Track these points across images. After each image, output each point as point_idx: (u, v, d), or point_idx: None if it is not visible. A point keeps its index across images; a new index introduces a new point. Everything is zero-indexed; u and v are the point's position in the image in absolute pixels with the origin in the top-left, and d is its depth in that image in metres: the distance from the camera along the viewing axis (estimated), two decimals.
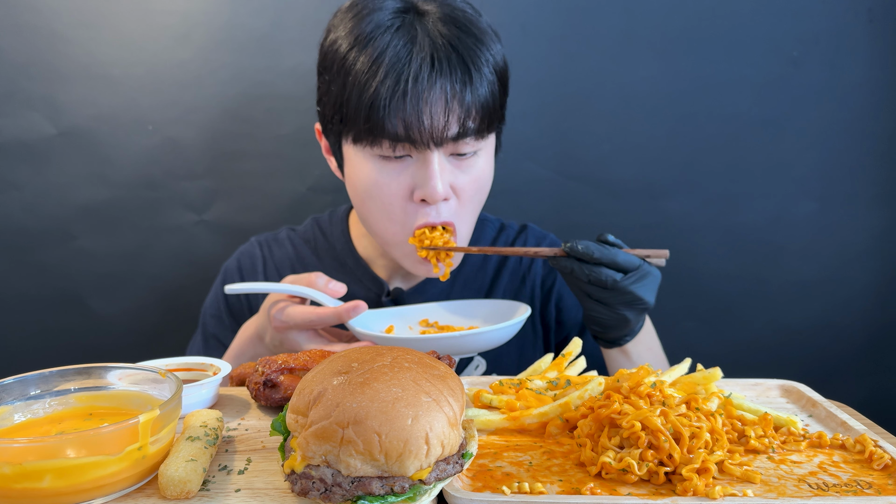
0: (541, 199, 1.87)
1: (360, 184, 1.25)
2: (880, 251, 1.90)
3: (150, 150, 1.80)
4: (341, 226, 1.53)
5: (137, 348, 1.84)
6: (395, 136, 1.16)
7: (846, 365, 1.95)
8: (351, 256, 1.49)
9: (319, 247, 1.53)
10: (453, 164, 1.23)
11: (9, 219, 1.80)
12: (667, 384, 0.91)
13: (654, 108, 1.83)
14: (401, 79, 1.14)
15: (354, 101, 1.17)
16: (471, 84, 1.18)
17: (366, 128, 1.17)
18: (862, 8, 1.78)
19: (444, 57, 1.16)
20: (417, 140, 1.16)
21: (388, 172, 1.21)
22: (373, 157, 1.21)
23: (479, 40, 1.22)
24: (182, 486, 0.68)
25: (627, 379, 0.91)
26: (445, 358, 0.96)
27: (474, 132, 1.20)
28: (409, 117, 1.14)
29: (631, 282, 1.11)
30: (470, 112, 1.18)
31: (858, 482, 0.74)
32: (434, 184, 1.17)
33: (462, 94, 1.17)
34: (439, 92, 1.15)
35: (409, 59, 1.15)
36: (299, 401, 0.70)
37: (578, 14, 1.80)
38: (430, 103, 1.14)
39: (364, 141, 1.19)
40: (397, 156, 1.19)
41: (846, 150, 1.85)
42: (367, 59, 1.16)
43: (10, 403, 0.79)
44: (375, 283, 1.46)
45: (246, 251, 1.55)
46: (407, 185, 1.21)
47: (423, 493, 0.66)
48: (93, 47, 1.74)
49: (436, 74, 1.15)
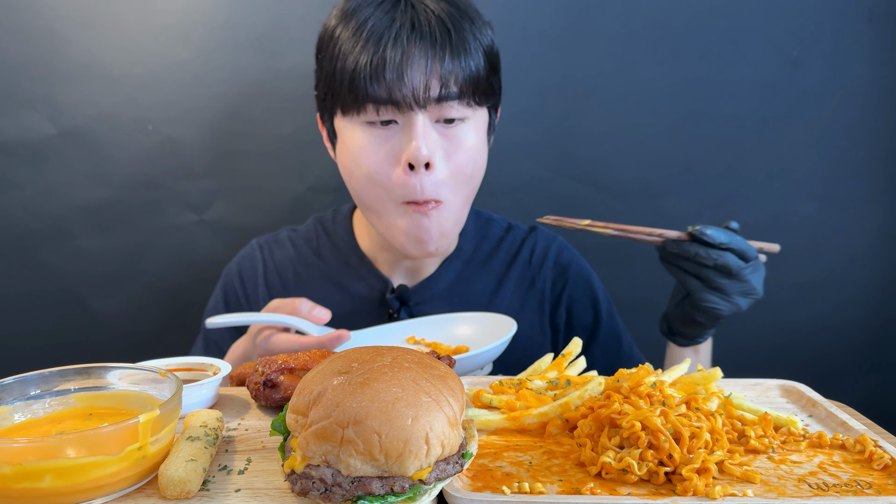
0: (541, 199, 1.87)
1: (348, 154, 1.25)
2: (880, 251, 1.90)
3: (150, 150, 1.80)
4: (345, 224, 1.52)
5: (137, 348, 1.84)
6: (377, 99, 1.17)
7: (846, 365, 1.95)
8: (355, 254, 1.48)
9: (322, 246, 1.52)
10: (440, 132, 1.22)
11: (9, 219, 1.80)
12: (667, 384, 0.91)
13: (654, 108, 1.83)
14: (380, 42, 1.16)
15: (339, 71, 1.20)
16: (451, 47, 1.19)
17: (351, 96, 1.19)
18: (862, 8, 1.78)
19: (425, 21, 1.19)
20: (400, 101, 1.17)
21: (374, 139, 1.22)
22: (360, 126, 1.22)
23: (469, 17, 1.24)
24: (182, 486, 0.68)
25: (627, 379, 0.91)
26: (445, 358, 0.96)
27: (457, 96, 1.20)
28: (390, 79, 1.16)
29: (750, 271, 1.14)
30: (451, 75, 1.19)
31: (858, 482, 0.74)
32: (417, 144, 1.17)
33: (442, 56, 1.18)
34: (419, 54, 1.17)
35: (391, 24, 1.18)
36: (299, 401, 0.70)
37: (578, 14, 1.80)
38: (410, 65, 1.16)
39: (351, 110, 1.21)
40: (382, 121, 1.20)
41: (846, 150, 1.85)
42: (350, 30, 1.19)
43: (10, 403, 0.79)
44: (379, 280, 1.45)
45: (246, 255, 1.55)
46: (392, 151, 1.21)
47: (423, 493, 0.66)
48: (93, 47, 1.74)
49: (416, 36, 1.17)
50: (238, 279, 1.52)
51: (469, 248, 1.50)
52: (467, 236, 1.51)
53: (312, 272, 1.50)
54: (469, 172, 1.27)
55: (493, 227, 1.55)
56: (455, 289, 1.46)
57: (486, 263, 1.50)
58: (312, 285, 1.48)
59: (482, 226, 1.54)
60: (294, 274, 1.50)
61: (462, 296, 1.46)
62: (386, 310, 1.43)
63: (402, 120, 1.20)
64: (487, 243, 1.52)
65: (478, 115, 1.28)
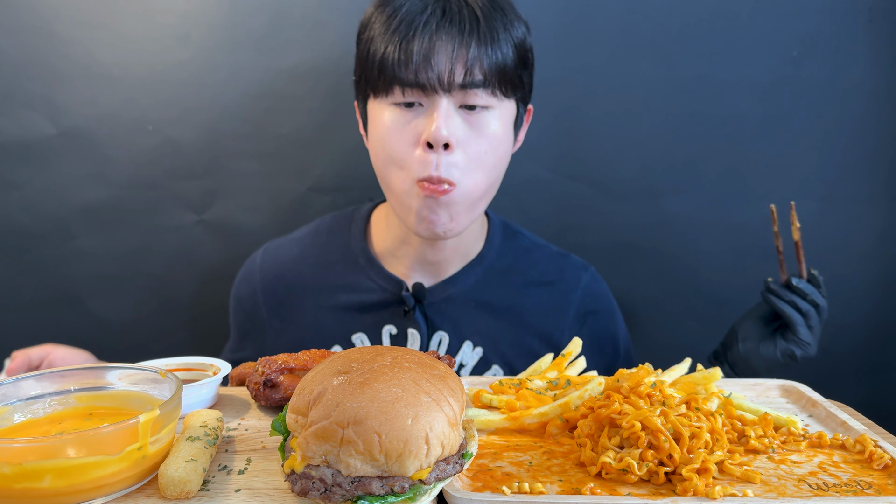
0: (541, 199, 1.87)
1: (376, 135, 1.29)
2: (881, 251, 1.90)
3: (150, 150, 1.80)
4: (360, 224, 1.52)
5: (137, 348, 1.84)
6: (404, 81, 1.21)
7: (846, 365, 1.95)
8: (364, 255, 1.47)
9: (331, 241, 1.51)
10: (463, 118, 1.25)
11: (9, 219, 1.80)
12: (667, 384, 0.91)
13: (655, 108, 1.83)
14: (411, 27, 1.21)
15: (372, 54, 1.25)
16: (478, 35, 1.22)
17: (380, 78, 1.23)
18: (862, 8, 1.78)
19: (456, 10, 1.23)
20: (426, 84, 1.21)
21: (399, 119, 1.25)
22: (388, 107, 1.26)
23: (500, 9, 1.27)
24: (182, 486, 0.68)
25: (627, 379, 0.91)
26: (445, 358, 0.96)
27: (482, 84, 1.23)
28: (417, 62, 1.20)
29: None
30: (476, 61, 1.21)
31: (858, 482, 0.74)
32: (438, 124, 1.20)
33: (469, 42, 1.21)
34: (446, 38, 1.21)
35: (422, 11, 1.23)
36: (299, 401, 0.70)
37: (578, 14, 1.80)
38: (437, 50, 1.20)
39: (380, 92, 1.25)
40: (407, 102, 1.24)
41: (847, 150, 1.85)
42: (385, 16, 1.25)
43: (10, 403, 0.79)
44: (391, 281, 1.43)
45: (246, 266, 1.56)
46: (415, 132, 1.24)
47: (423, 493, 0.66)
48: (93, 47, 1.74)
49: (445, 22, 1.22)
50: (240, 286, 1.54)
51: (492, 257, 1.48)
52: (492, 245, 1.50)
53: (317, 270, 1.49)
54: (490, 161, 1.28)
55: (519, 240, 1.54)
56: (473, 294, 1.45)
57: (508, 275, 1.48)
58: (315, 284, 1.48)
59: (510, 237, 1.53)
60: (296, 274, 1.49)
61: (480, 301, 1.45)
62: (401, 308, 1.42)
63: (427, 102, 1.24)
64: (512, 255, 1.51)
65: (503, 105, 1.29)
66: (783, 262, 1.40)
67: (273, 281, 1.50)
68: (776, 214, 1.39)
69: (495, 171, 1.31)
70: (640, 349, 1.57)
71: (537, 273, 1.50)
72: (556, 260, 1.53)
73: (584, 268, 1.54)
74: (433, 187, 1.22)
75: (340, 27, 1.74)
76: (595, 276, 1.55)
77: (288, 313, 1.49)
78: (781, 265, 1.40)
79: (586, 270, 1.54)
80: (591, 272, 1.54)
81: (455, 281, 1.45)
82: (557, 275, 1.50)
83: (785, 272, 1.40)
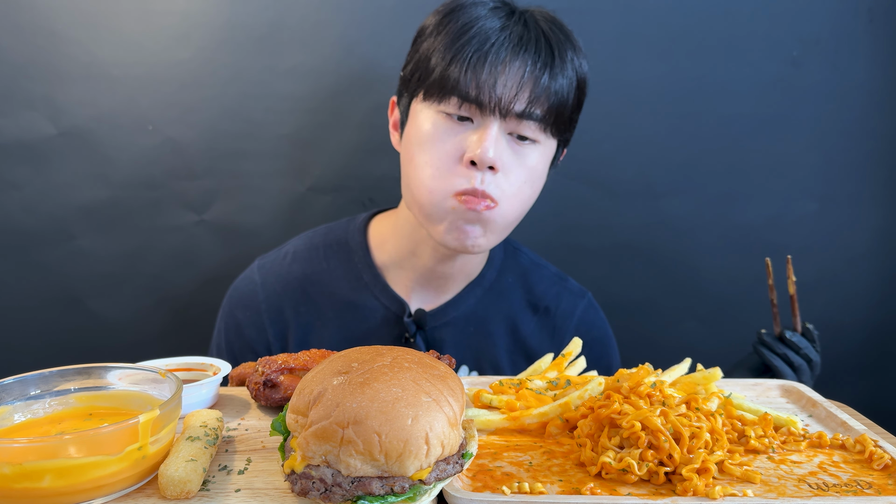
0: (541, 199, 1.86)
1: (416, 138, 1.26)
2: (880, 251, 1.90)
3: (150, 150, 1.80)
4: (359, 236, 1.46)
5: (137, 348, 1.84)
6: (465, 95, 1.19)
7: (846, 365, 1.95)
8: (368, 270, 1.42)
9: (331, 257, 1.45)
10: (510, 144, 1.23)
11: (9, 219, 1.80)
12: (667, 384, 0.91)
13: (654, 108, 1.83)
14: (486, 43, 1.18)
15: (438, 55, 1.21)
16: (550, 70, 1.21)
17: (440, 81, 1.20)
18: (862, 8, 1.78)
19: (534, 38, 1.21)
20: (485, 104, 1.18)
21: (446, 129, 1.22)
22: (437, 113, 1.23)
23: (571, 43, 1.27)
24: (182, 486, 0.68)
25: (627, 379, 0.91)
26: (445, 358, 0.96)
27: (539, 118, 1.22)
28: (484, 80, 1.17)
29: None
30: (541, 95, 1.20)
31: (858, 482, 0.74)
32: (487, 145, 1.18)
33: (539, 75, 1.19)
34: (519, 65, 1.18)
35: (500, 29, 1.20)
36: (299, 401, 0.70)
37: (578, 14, 1.79)
38: (506, 73, 1.18)
39: (434, 95, 1.22)
40: (461, 116, 1.21)
41: (846, 150, 1.85)
42: (460, 23, 1.21)
43: (10, 403, 0.79)
44: (395, 302, 1.40)
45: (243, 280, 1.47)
46: (459, 147, 1.21)
47: (423, 493, 0.66)
48: (93, 47, 1.74)
49: (520, 49, 1.19)
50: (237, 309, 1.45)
51: (492, 276, 1.46)
52: (493, 264, 1.47)
53: (321, 288, 1.43)
54: (527, 193, 1.28)
55: (519, 258, 1.51)
56: (473, 316, 1.42)
57: (507, 296, 1.46)
58: (321, 304, 1.42)
59: (510, 255, 1.51)
60: (301, 293, 1.42)
61: (479, 323, 1.42)
62: (402, 332, 1.39)
63: (479, 121, 1.21)
64: (512, 275, 1.48)
65: (548, 143, 1.28)
66: (777, 314, 1.39)
67: (279, 301, 1.43)
68: (771, 268, 1.36)
69: (527, 204, 1.31)
70: (641, 349, 1.57)
71: (535, 296, 1.48)
72: (554, 283, 1.51)
73: (581, 295, 1.52)
74: (476, 200, 1.20)
75: (340, 27, 1.74)
76: (592, 303, 1.53)
77: (295, 335, 1.42)
78: (775, 318, 1.39)
79: (583, 298, 1.52)
80: (587, 300, 1.53)
81: (456, 303, 1.42)
82: (554, 301, 1.49)
83: (779, 325, 1.38)
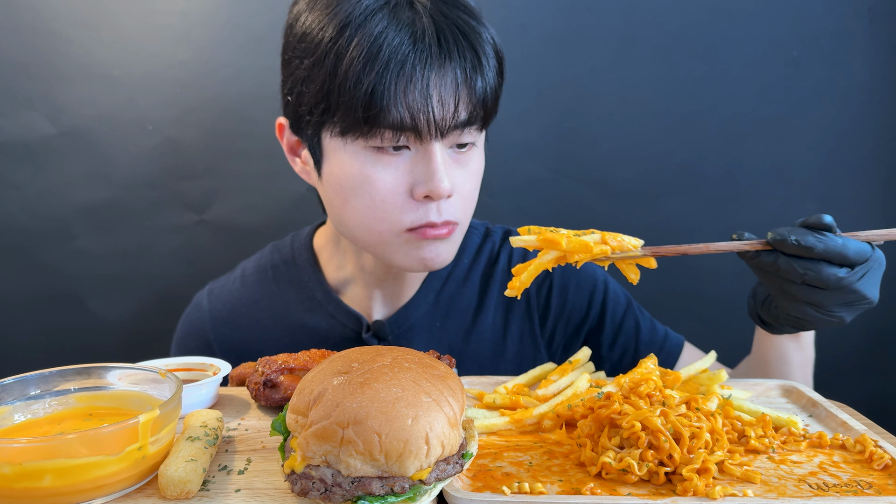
0: (541, 199, 1.87)
1: (345, 180, 1.11)
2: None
3: (150, 150, 1.80)
4: (306, 252, 1.37)
5: (137, 348, 1.84)
6: (398, 126, 1.04)
7: (846, 365, 1.95)
8: (320, 288, 1.33)
9: (280, 278, 1.36)
10: (453, 159, 1.12)
11: (9, 219, 1.80)
12: (682, 378, 0.91)
13: (654, 108, 1.83)
14: (406, 63, 1.02)
15: (350, 88, 1.03)
16: (480, 69, 1.08)
17: (364, 117, 1.04)
18: (862, 8, 1.78)
19: (452, 39, 1.06)
20: (423, 130, 1.05)
21: (381, 166, 1.08)
22: (364, 150, 1.08)
23: (478, 20, 1.12)
24: (182, 486, 0.68)
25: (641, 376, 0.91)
26: (445, 358, 0.96)
27: (475, 121, 1.10)
28: (416, 105, 1.03)
29: (857, 278, 0.86)
30: (478, 99, 1.08)
31: (858, 482, 0.74)
32: (440, 177, 1.07)
33: (473, 80, 1.07)
34: (450, 77, 1.05)
35: (414, 39, 1.03)
36: (299, 401, 0.70)
37: (578, 14, 1.80)
38: (439, 88, 1.04)
39: (356, 132, 1.06)
40: (395, 146, 1.07)
41: (846, 151, 1.85)
42: (363, 41, 1.03)
43: (10, 403, 0.79)
44: (351, 318, 1.31)
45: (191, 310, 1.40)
46: (404, 181, 1.09)
47: (423, 494, 0.66)
48: (93, 47, 1.74)
49: (445, 58, 1.04)
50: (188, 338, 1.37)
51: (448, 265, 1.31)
52: None
53: (273, 312, 1.34)
54: (476, 195, 1.20)
55: (471, 237, 1.40)
56: (435, 312, 1.33)
57: (467, 278, 1.36)
58: (272, 329, 1.34)
59: None
60: (250, 319, 1.35)
61: (443, 318, 1.33)
62: None
63: (417, 147, 1.09)
64: (467, 255, 1.38)
65: (481, 137, 1.19)
66: None
67: (227, 329, 1.35)
68: None
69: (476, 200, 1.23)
70: None
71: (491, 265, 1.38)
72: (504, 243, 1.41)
73: None
74: (437, 232, 1.12)
75: None
76: None
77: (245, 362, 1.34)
78: None
79: None
80: None
81: (414, 304, 1.32)
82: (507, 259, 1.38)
83: None
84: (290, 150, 1.26)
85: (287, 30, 1.19)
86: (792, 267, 0.86)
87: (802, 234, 0.85)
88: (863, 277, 0.87)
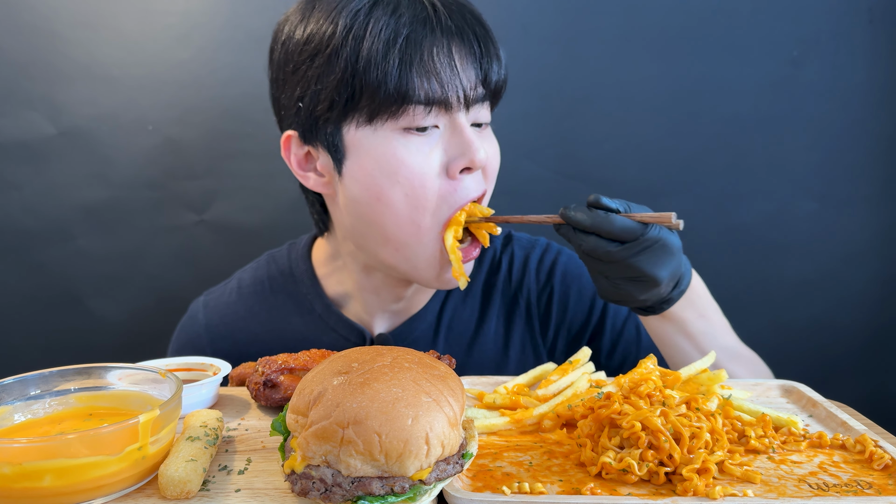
0: (541, 199, 1.87)
1: (377, 170, 1.06)
2: (880, 251, 1.90)
3: (150, 150, 1.80)
4: (304, 264, 1.34)
5: (137, 348, 1.84)
6: (428, 99, 1.02)
7: (846, 365, 1.95)
8: (319, 300, 1.30)
9: (278, 290, 1.33)
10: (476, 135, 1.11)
11: (9, 219, 1.80)
12: (682, 378, 0.91)
13: (654, 108, 1.83)
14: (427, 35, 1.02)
15: (376, 66, 1.01)
16: (492, 42, 1.09)
17: (394, 93, 1.01)
18: (862, 8, 1.78)
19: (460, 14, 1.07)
20: (453, 100, 1.04)
21: (414, 147, 1.05)
22: (394, 133, 1.05)
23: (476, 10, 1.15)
24: (182, 486, 0.68)
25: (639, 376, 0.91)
26: (445, 358, 0.96)
27: (492, 97, 1.12)
28: (444, 75, 1.02)
29: (631, 253, 0.95)
30: (492, 73, 1.09)
31: (859, 482, 0.74)
32: (476, 146, 1.05)
33: (488, 52, 1.08)
34: (468, 48, 1.06)
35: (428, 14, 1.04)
36: (299, 401, 0.70)
37: (578, 14, 1.80)
38: (462, 58, 1.05)
39: (385, 114, 1.03)
40: (424, 126, 1.05)
41: (846, 150, 1.85)
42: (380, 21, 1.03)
43: (10, 403, 0.79)
44: (353, 331, 1.28)
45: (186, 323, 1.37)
46: (438, 160, 1.07)
47: (423, 494, 0.66)
48: (93, 47, 1.74)
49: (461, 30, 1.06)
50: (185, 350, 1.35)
51: None
52: None
53: (271, 326, 1.32)
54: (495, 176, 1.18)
55: None
56: (438, 326, 1.32)
57: (469, 290, 1.34)
58: (270, 343, 1.30)
59: None
60: (248, 334, 1.32)
61: (447, 331, 1.32)
62: None
63: (446, 123, 1.07)
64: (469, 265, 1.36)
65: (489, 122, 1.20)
66: None
67: (224, 344, 1.32)
68: None
69: None
70: None
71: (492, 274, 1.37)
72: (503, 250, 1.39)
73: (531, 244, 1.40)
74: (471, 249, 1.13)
75: None
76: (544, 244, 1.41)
77: None
78: None
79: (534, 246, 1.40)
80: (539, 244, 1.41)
81: (420, 318, 1.31)
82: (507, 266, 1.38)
83: None
84: (299, 165, 1.21)
85: (280, 47, 1.18)
86: (574, 237, 0.98)
87: (577, 209, 0.97)
88: (639, 254, 0.96)
